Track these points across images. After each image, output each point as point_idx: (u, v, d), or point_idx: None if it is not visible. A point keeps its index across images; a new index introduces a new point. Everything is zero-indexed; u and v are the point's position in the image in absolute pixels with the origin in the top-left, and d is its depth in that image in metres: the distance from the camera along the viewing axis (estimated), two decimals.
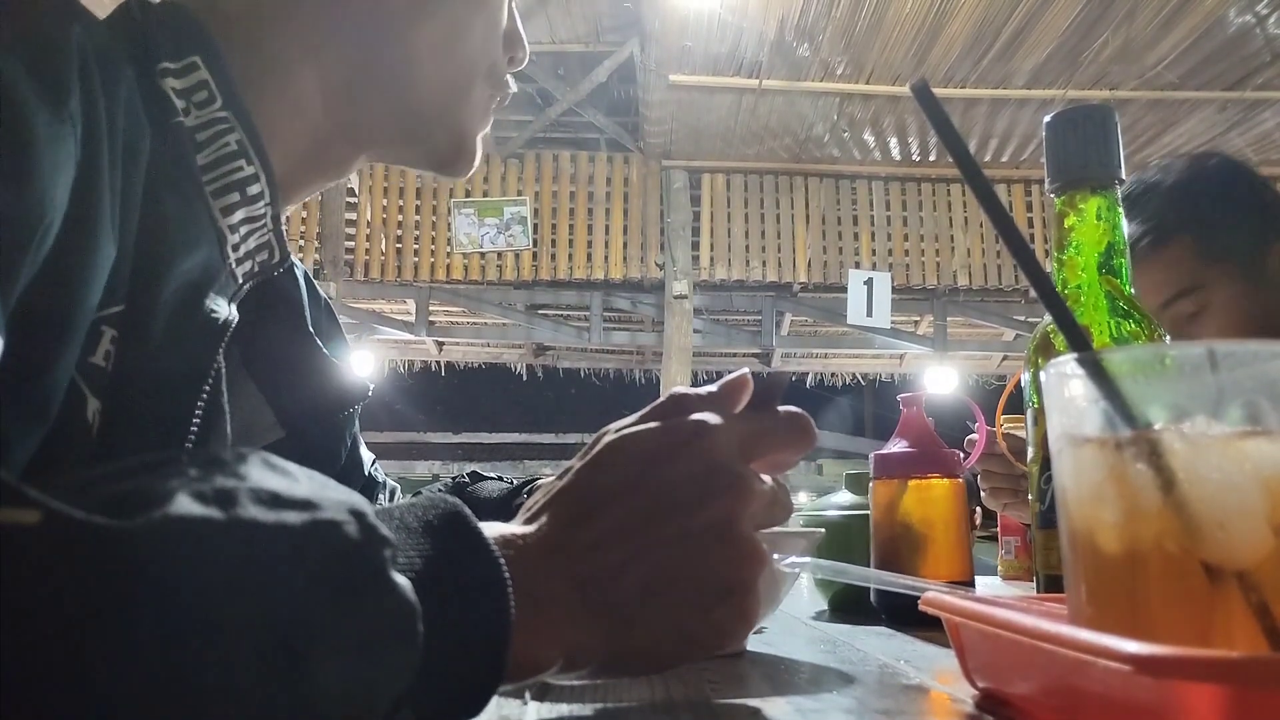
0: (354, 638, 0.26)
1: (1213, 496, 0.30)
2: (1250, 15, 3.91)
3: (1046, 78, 4.42)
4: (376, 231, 5.39)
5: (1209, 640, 0.30)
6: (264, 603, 0.25)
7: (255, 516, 0.25)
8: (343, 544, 0.27)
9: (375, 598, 0.27)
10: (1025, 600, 0.52)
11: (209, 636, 0.23)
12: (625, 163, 5.53)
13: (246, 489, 0.26)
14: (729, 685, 0.45)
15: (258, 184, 0.53)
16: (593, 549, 0.36)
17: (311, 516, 0.27)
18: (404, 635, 0.28)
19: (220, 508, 0.25)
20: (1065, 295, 0.58)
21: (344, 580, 0.27)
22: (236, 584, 0.24)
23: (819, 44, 4.20)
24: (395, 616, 0.28)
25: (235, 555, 0.25)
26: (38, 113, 0.38)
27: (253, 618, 0.24)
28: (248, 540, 0.25)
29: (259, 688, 0.24)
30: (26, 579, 0.21)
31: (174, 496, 0.25)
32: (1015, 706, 0.38)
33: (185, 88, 0.51)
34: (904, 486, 0.73)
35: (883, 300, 4.95)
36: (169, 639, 0.23)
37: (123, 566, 0.23)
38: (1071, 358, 0.33)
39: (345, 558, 0.27)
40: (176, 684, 0.23)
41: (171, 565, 0.23)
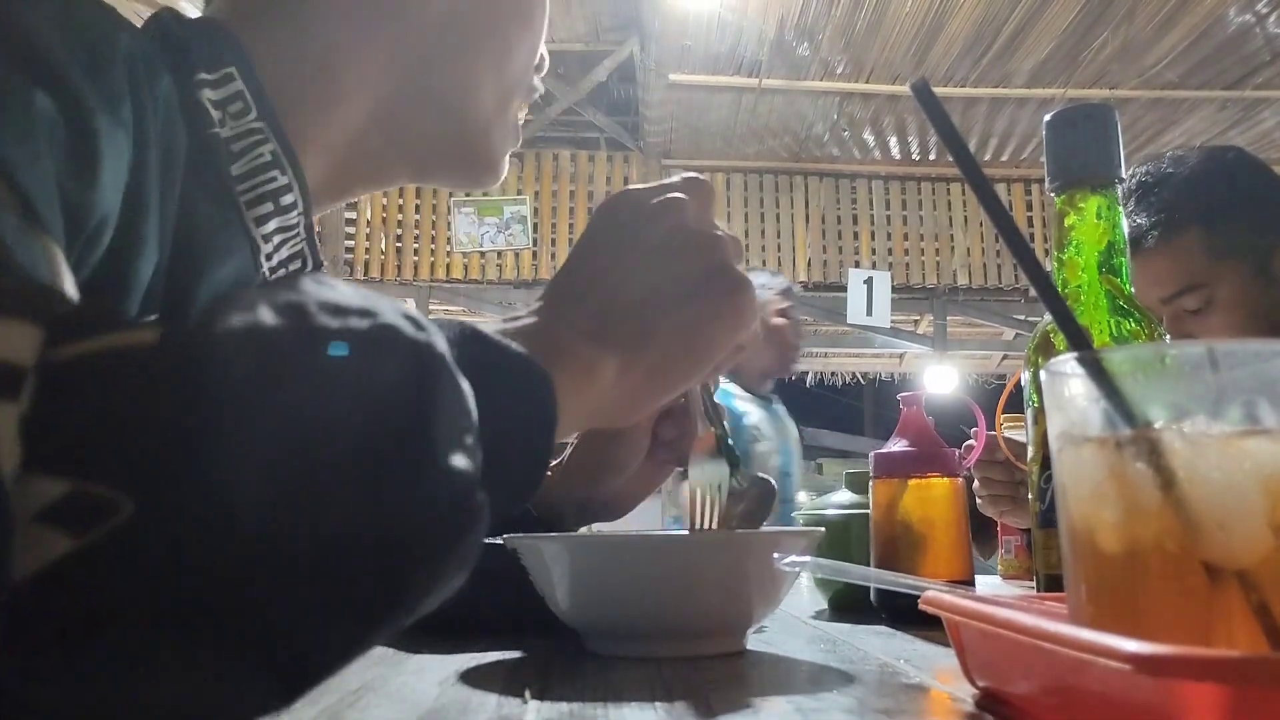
0: (446, 422, 0.28)
1: (1213, 496, 0.30)
2: (1250, 15, 3.90)
3: (1046, 77, 4.42)
4: (376, 230, 5.39)
5: (1209, 639, 0.30)
6: (376, 397, 0.26)
7: (327, 324, 0.26)
8: (412, 343, 0.28)
9: (453, 389, 0.29)
10: (1025, 599, 0.52)
11: (336, 432, 0.24)
12: (625, 162, 5.53)
13: (312, 302, 0.27)
14: (729, 685, 0.45)
15: (291, 194, 0.54)
16: (582, 297, 0.44)
17: (374, 321, 0.28)
18: (473, 422, 0.29)
19: (294, 319, 0.26)
20: (1065, 294, 0.58)
21: (424, 372, 0.28)
22: (343, 384, 0.25)
23: (819, 43, 4.20)
24: (468, 404, 0.29)
25: (325, 359, 0.26)
26: (98, 114, 0.39)
27: (372, 410, 0.25)
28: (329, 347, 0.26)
29: (388, 476, 0.25)
30: (152, 391, 0.22)
31: (258, 311, 0.25)
32: (1015, 706, 0.38)
33: (221, 98, 0.52)
34: (904, 486, 0.73)
35: (882, 299, 4.95)
36: (294, 437, 0.24)
37: (234, 375, 0.24)
38: (1071, 357, 0.33)
39: (419, 353, 0.28)
40: (307, 475, 0.24)
41: (275, 371, 0.24)
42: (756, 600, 0.55)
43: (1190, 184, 1.17)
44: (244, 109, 0.52)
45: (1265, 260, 1.16)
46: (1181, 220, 1.14)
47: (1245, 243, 1.15)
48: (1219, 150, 1.25)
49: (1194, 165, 1.19)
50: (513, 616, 0.62)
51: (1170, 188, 1.16)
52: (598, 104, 5.39)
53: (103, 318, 0.24)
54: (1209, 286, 1.14)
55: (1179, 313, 1.17)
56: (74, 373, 0.22)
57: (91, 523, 0.21)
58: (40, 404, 0.21)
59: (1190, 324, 1.17)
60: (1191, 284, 1.15)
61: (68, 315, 0.23)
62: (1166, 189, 1.16)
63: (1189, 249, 1.15)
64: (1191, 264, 1.15)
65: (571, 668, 0.50)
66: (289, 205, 0.54)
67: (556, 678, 0.47)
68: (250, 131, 0.52)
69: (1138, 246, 1.16)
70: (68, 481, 0.21)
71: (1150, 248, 1.16)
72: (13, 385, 0.21)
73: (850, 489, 0.86)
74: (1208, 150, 1.24)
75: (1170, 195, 1.16)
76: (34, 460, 0.21)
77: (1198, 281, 1.15)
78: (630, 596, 0.53)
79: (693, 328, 0.45)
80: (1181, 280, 1.15)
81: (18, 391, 0.21)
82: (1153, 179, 1.18)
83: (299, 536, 0.23)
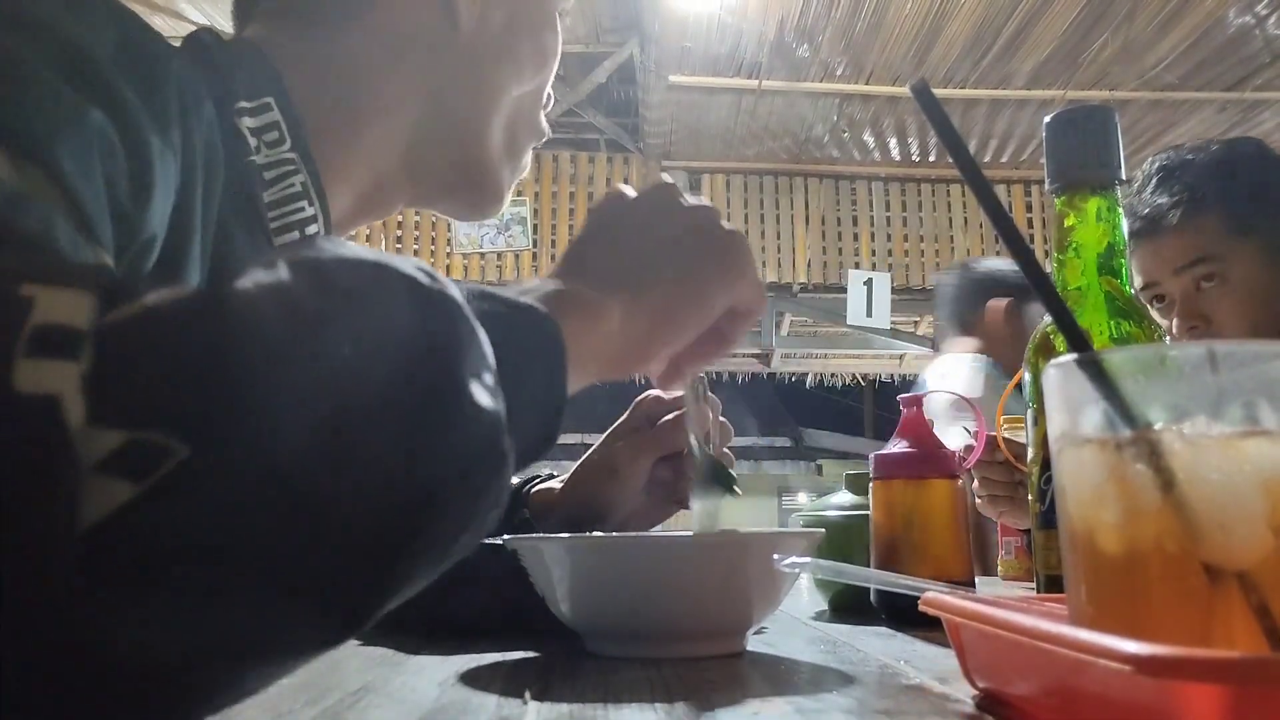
0: (470, 364, 0.29)
1: (1213, 497, 0.30)
2: (1250, 16, 3.90)
3: (1046, 78, 4.42)
4: (376, 232, 5.39)
5: (1209, 640, 0.30)
6: (407, 342, 0.27)
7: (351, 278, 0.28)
8: (430, 291, 0.30)
9: (471, 335, 0.30)
10: (1025, 600, 0.52)
11: (373, 376, 0.26)
12: (625, 163, 5.53)
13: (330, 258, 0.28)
14: (729, 685, 0.45)
15: (315, 225, 0.56)
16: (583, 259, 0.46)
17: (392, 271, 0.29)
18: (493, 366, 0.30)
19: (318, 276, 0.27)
20: (1065, 296, 0.58)
21: (445, 318, 0.29)
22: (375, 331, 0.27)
23: (819, 45, 4.20)
24: (486, 349, 0.30)
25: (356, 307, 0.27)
26: (151, 136, 0.40)
27: (404, 354, 0.27)
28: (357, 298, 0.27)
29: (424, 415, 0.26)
30: (195, 344, 0.24)
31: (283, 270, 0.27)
32: (1015, 707, 0.38)
33: (258, 127, 0.54)
34: (904, 487, 0.73)
35: (882, 301, 4.94)
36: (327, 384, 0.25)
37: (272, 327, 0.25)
38: (1071, 358, 0.33)
39: (438, 301, 0.29)
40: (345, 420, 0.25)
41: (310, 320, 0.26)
42: (756, 601, 0.55)
43: (1213, 168, 1.19)
44: (279, 139, 0.54)
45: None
46: (1201, 202, 1.17)
47: (1264, 226, 1.17)
48: (1240, 140, 1.29)
49: (1216, 152, 1.21)
50: (513, 618, 0.62)
51: (1193, 171, 1.19)
52: (598, 105, 5.39)
53: (146, 285, 0.25)
54: (1224, 261, 1.16)
55: (1190, 289, 1.18)
56: (125, 332, 0.24)
57: (149, 469, 0.22)
58: (96, 363, 0.23)
59: (1203, 303, 1.18)
60: (1206, 256, 1.16)
61: (116, 284, 0.25)
62: (1189, 172, 1.19)
63: (1208, 226, 1.17)
64: (1209, 239, 1.17)
65: (571, 668, 0.50)
66: (313, 236, 0.56)
67: (556, 678, 0.47)
68: (283, 161, 0.54)
69: (1157, 227, 1.18)
70: (124, 432, 0.22)
71: (1170, 225, 1.17)
72: (73, 347, 0.23)
73: (850, 490, 0.86)
74: (1228, 140, 1.27)
75: (1192, 178, 1.18)
76: (93, 414, 0.22)
77: (1213, 255, 1.16)
78: (630, 597, 0.53)
79: (691, 275, 0.47)
80: (1196, 252, 1.17)
81: (78, 353, 0.23)
82: (1174, 163, 1.21)
83: (340, 478, 0.25)
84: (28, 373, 0.22)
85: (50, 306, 0.23)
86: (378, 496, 0.25)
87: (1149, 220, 1.20)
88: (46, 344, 0.23)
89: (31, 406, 0.22)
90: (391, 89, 0.61)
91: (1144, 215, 1.20)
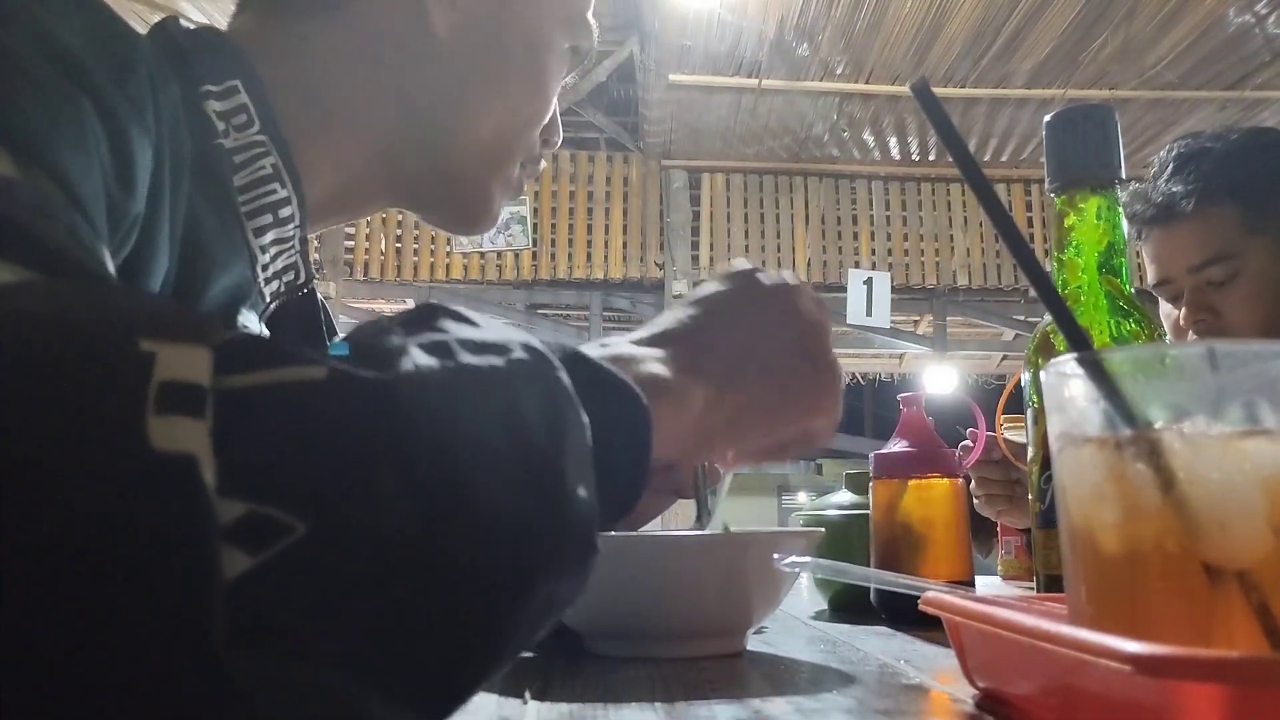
0: (572, 449, 0.30)
1: (1213, 496, 0.30)
2: (1250, 15, 3.90)
3: (1046, 77, 4.42)
4: (376, 231, 5.39)
5: (1209, 640, 0.30)
6: (516, 429, 0.28)
7: (471, 362, 0.29)
8: (541, 374, 0.31)
9: (575, 416, 0.31)
10: (1025, 600, 0.52)
11: (485, 465, 0.26)
12: (625, 162, 5.53)
13: (454, 340, 0.30)
14: (729, 685, 0.45)
15: (289, 207, 0.55)
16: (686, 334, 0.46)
17: (508, 358, 0.30)
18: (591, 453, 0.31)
19: (442, 358, 0.28)
20: (1065, 295, 0.58)
21: (554, 404, 0.30)
22: (489, 416, 0.28)
23: (818, 43, 4.20)
24: (588, 436, 0.31)
25: (477, 395, 0.28)
26: (129, 121, 0.40)
27: (512, 441, 0.28)
28: (476, 384, 0.28)
29: (530, 499, 0.27)
30: (322, 423, 0.24)
31: (408, 350, 0.28)
32: (1015, 706, 0.38)
33: (225, 110, 0.53)
34: (904, 486, 0.73)
35: (882, 300, 4.94)
36: (448, 471, 0.26)
37: (397, 411, 0.25)
38: (1071, 357, 0.33)
39: (546, 384, 0.31)
40: (462, 510, 0.25)
41: (433, 408, 0.26)
42: (756, 601, 0.55)
43: (1231, 157, 1.16)
44: (247, 122, 0.53)
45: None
46: (1220, 191, 1.13)
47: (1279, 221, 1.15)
48: (1261, 130, 1.25)
49: (1235, 140, 1.18)
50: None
51: (1210, 160, 1.16)
52: (597, 104, 5.39)
53: (264, 349, 0.25)
54: (1238, 259, 1.14)
55: (1203, 285, 1.16)
56: (249, 402, 0.24)
57: (266, 542, 0.22)
58: (219, 424, 0.23)
59: (1213, 296, 1.16)
60: (1220, 255, 1.14)
61: (233, 343, 0.25)
62: (1206, 161, 1.16)
63: (1222, 220, 1.14)
64: (1223, 235, 1.14)
65: (571, 668, 0.50)
66: (287, 218, 0.55)
67: (556, 678, 0.47)
68: (253, 144, 0.53)
69: (1172, 214, 1.16)
70: (245, 503, 0.22)
71: (1183, 216, 1.15)
72: (199, 405, 0.23)
73: (850, 489, 0.86)
74: (1250, 129, 1.23)
75: (1209, 167, 1.15)
76: (221, 479, 0.22)
77: (1228, 253, 1.14)
78: (630, 597, 0.53)
79: (782, 395, 0.47)
80: (1212, 249, 1.14)
81: (203, 412, 0.23)
82: (1192, 151, 1.18)
83: (447, 566, 0.25)
84: (161, 430, 0.22)
85: (172, 363, 0.23)
86: (477, 587, 0.26)
87: (1162, 208, 1.16)
88: (174, 401, 0.22)
89: (170, 465, 0.22)
90: (361, 87, 0.60)
91: (1158, 203, 1.17)
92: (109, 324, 0.24)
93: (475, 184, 0.65)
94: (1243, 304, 1.14)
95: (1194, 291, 1.17)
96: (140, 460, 0.22)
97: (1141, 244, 1.22)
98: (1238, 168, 1.14)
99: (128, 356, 0.23)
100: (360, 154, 0.61)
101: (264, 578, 0.22)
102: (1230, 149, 1.17)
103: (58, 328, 0.23)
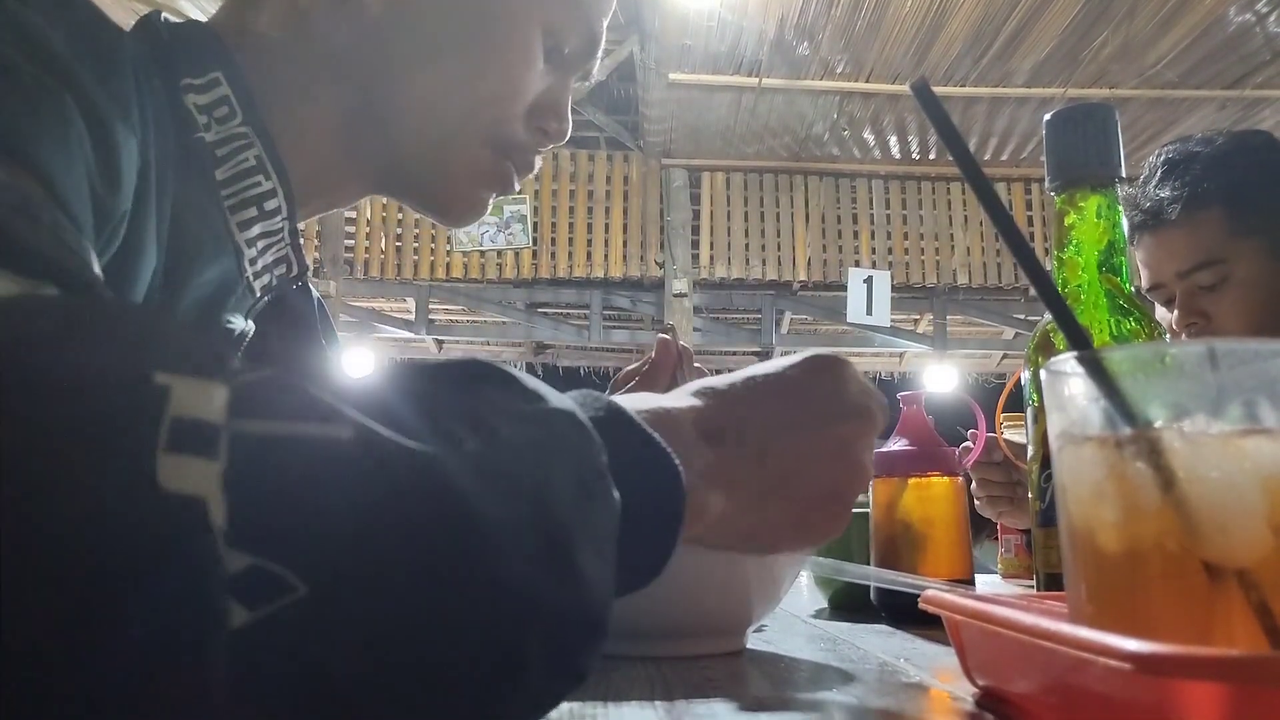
0: (594, 533, 0.30)
1: (1212, 495, 0.30)
2: (1250, 14, 3.90)
3: (1046, 76, 4.42)
4: (376, 230, 5.39)
5: (1209, 639, 0.30)
6: (539, 509, 0.27)
7: (510, 438, 0.28)
8: (577, 450, 0.30)
9: (604, 496, 0.31)
10: (1025, 598, 0.52)
11: (502, 543, 0.26)
12: (625, 161, 5.53)
13: (492, 410, 0.29)
14: (729, 684, 0.45)
15: (275, 199, 0.54)
16: (739, 437, 0.42)
17: (547, 433, 0.30)
18: (616, 529, 0.31)
19: (477, 430, 0.28)
20: (1065, 294, 0.58)
21: (584, 484, 0.30)
22: (514, 495, 0.27)
23: (819, 42, 4.20)
24: (615, 510, 0.31)
25: (507, 472, 0.27)
26: (114, 119, 0.40)
27: (534, 523, 0.27)
28: (514, 459, 0.28)
29: (543, 582, 0.27)
30: (340, 490, 0.24)
31: (442, 417, 0.27)
32: (1015, 705, 0.38)
33: (207, 103, 0.52)
34: (904, 485, 0.73)
35: (882, 299, 4.95)
36: (462, 552, 0.25)
37: (420, 486, 0.25)
38: (1071, 356, 0.33)
39: (581, 461, 0.30)
40: (468, 591, 0.25)
41: (459, 488, 0.25)
42: (756, 599, 0.55)
43: (1217, 162, 1.16)
44: (229, 114, 0.52)
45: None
46: (1206, 196, 1.14)
47: (1268, 224, 1.15)
48: (1249, 133, 1.25)
49: (1222, 145, 1.19)
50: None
51: (1198, 164, 1.16)
52: (597, 103, 5.39)
53: (288, 396, 0.25)
54: (1227, 263, 1.14)
55: (1193, 289, 1.16)
56: (266, 451, 0.23)
57: (267, 599, 0.22)
58: (231, 468, 0.22)
59: (1204, 301, 1.16)
60: (1210, 259, 1.14)
61: (254, 385, 0.24)
62: (1194, 165, 1.16)
63: (1211, 224, 1.14)
64: (1212, 239, 1.14)
65: None
66: (273, 210, 0.54)
67: None
68: (235, 136, 0.52)
69: (1159, 219, 1.16)
70: (250, 556, 0.22)
71: (1172, 221, 1.15)
72: (212, 446, 0.22)
73: None
74: (1237, 133, 1.23)
75: (1198, 171, 1.15)
76: (229, 527, 0.22)
77: (1216, 257, 1.14)
78: (630, 596, 0.53)
79: (792, 526, 0.45)
80: (1200, 254, 1.15)
81: (216, 453, 0.22)
82: (1179, 156, 1.18)
83: (446, 643, 0.24)
84: (171, 469, 0.21)
85: (187, 398, 0.22)
86: (474, 661, 0.25)
87: (1151, 214, 1.17)
88: (186, 439, 0.22)
89: (178, 507, 0.21)
90: (313, 69, 0.58)
91: (1146, 209, 1.17)
92: (123, 352, 0.23)
93: (437, 167, 0.61)
94: (1233, 307, 1.14)
95: (1185, 296, 1.17)
96: (148, 500, 0.21)
97: (1133, 249, 1.22)
98: (1224, 172, 1.15)
99: (140, 388, 0.22)
100: (322, 140, 0.59)
101: (260, 634, 0.21)
102: (1217, 153, 1.17)
103: (68, 352, 0.23)
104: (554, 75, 0.65)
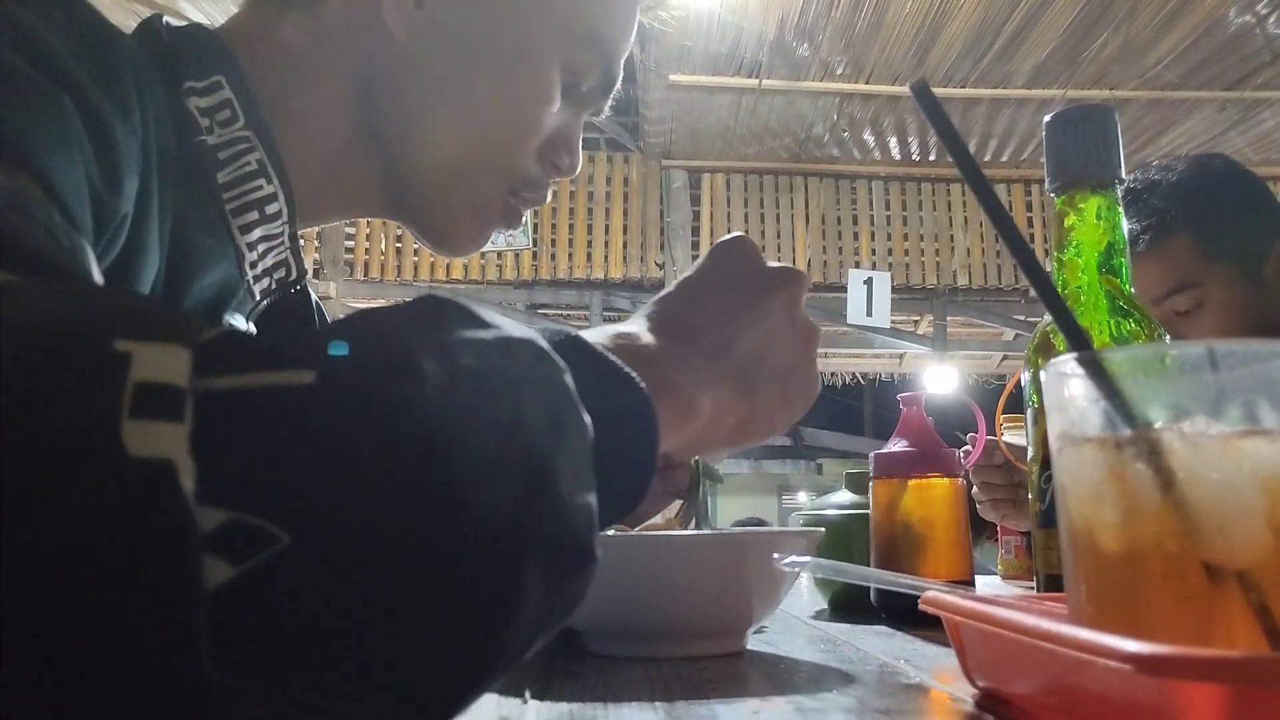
0: (571, 458, 0.29)
1: (1212, 496, 0.30)
2: (1250, 15, 3.90)
3: (1046, 78, 4.42)
4: (376, 230, 5.39)
5: (1209, 640, 0.30)
6: (513, 437, 0.27)
7: (476, 368, 0.28)
8: (545, 377, 0.30)
9: (576, 420, 0.30)
10: (1025, 599, 0.52)
11: (481, 475, 0.25)
12: (625, 162, 5.53)
13: (455, 341, 0.28)
14: (729, 685, 0.45)
15: (276, 203, 0.54)
16: (695, 334, 0.45)
17: (510, 360, 0.29)
18: (591, 457, 0.31)
19: (442, 361, 0.27)
20: (1065, 295, 0.58)
21: (554, 409, 0.29)
22: (486, 425, 0.26)
23: (819, 44, 4.20)
24: (587, 434, 0.30)
25: (476, 404, 0.27)
26: (114, 121, 0.40)
27: (509, 452, 0.27)
28: (483, 389, 0.27)
29: (527, 511, 0.26)
30: (310, 430, 0.23)
31: (406, 353, 0.26)
32: (1015, 706, 0.38)
33: (208, 106, 0.52)
34: (904, 486, 0.73)
35: (882, 300, 4.94)
36: (442, 483, 0.25)
37: (390, 420, 0.24)
38: (1071, 357, 0.33)
39: (550, 388, 0.30)
40: (454, 521, 0.24)
41: (429, 416, 0.25)
42: (756, 600, 0.55)
43: (1179, 190, 1.18)
44: (231, 117, 0.52)
45: (1257, 265, 1.17)
46: (1172, 224, 1.16)
47: (1237, 247, 1.17)
48: (1206, 157, 1.27)
49: (1182, 172, 1.20)
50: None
51: (1159, 194, 1.18)
52: None
53: (248, 348, 0.24)
54: (1201, 287, 1.15)
55: (1169, 315, 1.18)
56: (231, 405, 0.23)
57: (250, 552, 0.21)
58: (199, 427, 0.22)
59: (1180, 326, 1.17)
60: (1181, 284, 1.16)
61: (214, 342, 0.24)
62: (1155, 195, 1.18)
63: (1180, 252, 1.16)
64: (1184, 265, 1.16)
65: (571, 668, 0.50)
66: (274, 214, 0.55)
67: (556, 678, 0.47)
68: (237, 139, 0.53)
69: (1130, 250, 1.17)
70: (226, 511, 0.21)
71: (1141, 252, 1.17)
72: (177, 408, 0.22)
73: (850, 489, 0.86)
74: (1194, 158, 1.26)
75: (1159, 202, 1.17)
76: (200, 485, 0.21)
77: (1189, 282, 1.16)
78: (630, 596, 0.53)
79: (779, 402, 0.47)
80: (1172, 281, 1.16)
81: (182, 415, 0.22)
82: (1141, 185, 1.20)
83: (438, 577, 0.24)
84: (137, 434, 0.21)
85: (148, 363, 0.22)
86: (469, 598, 0.25)
87: None
88: (150, 404, 0.21)
89: (146, 471, 0.21)
90: (321, 84, 0.58)
91: None
92: (81, 323, 0.23)
93: (443, 199, 0.61)
94: (1211, 332, 1.15)
95: (1163, 321, 1.18)
96: (115, 467, 0.21)
97: None
98: (1187, 199, 1.17)
99: (101, 357, 0.22)
100: (329, 154, 0.59)
101: (247, 588, 0.21)
102: (1178, 181, 1.19)
103: (27, 329, 0.22)
104: (568, 111, 0.64)
